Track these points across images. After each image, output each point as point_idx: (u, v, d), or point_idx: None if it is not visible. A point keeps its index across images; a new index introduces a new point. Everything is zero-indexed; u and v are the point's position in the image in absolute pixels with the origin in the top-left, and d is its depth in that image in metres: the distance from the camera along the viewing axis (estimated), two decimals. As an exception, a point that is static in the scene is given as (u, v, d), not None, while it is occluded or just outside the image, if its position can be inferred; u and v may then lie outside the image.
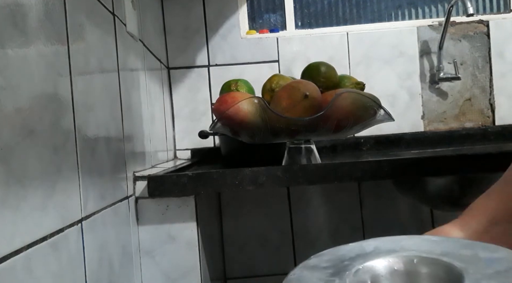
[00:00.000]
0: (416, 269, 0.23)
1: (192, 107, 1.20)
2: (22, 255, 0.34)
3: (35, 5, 0.40)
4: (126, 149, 0.67)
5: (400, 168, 0.68)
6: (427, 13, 1.28)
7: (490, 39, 1.21)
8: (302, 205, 1.17)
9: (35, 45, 0.39)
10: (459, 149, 1.11)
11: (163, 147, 1.04)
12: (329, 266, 0.23)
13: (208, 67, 1.21)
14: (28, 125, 0.37)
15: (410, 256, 0.23)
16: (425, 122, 1.21)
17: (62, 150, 0.43)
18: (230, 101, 0.70)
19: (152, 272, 0.69)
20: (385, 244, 0.25)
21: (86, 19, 0.54)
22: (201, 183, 0.67)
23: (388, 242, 0.25)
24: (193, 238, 0.69)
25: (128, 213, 0.65)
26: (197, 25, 1.20)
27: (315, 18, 1.27)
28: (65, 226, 0.43)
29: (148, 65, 0.92)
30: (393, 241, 0.25)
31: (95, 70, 0.56)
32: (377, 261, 0.23)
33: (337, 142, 1.18)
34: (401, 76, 1.21)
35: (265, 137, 0.74)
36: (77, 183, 0.47)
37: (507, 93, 1.21)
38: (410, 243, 0.25)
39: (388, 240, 0.26)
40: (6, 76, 0.34)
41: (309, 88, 0.69)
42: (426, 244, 0.24)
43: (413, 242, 0.25)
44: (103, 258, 0.53)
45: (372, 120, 0.74)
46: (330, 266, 0.23)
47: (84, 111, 0.50)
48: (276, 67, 1.21)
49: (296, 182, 0.68)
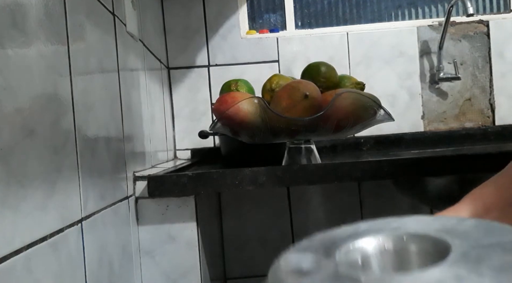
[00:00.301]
0: (405, 246, 0.23)
1: (192, 107, 1.20)
2: (22, 255, 0.34)
3: (35, 5, 0.40)
4: (126, 149, 0.67)
5: (400, 168, 0.68)
6: (427, 13, 1.28)
7: (490, 39, 1.21)
8: (302, 205, 1.17)
9: (35, 45, 0.39)
10: (459, 149, 1.11)
11: (163, 147, 1.04)
12: (319, 248, 0.23)
13: (208, 67, 1.21)
14: (28, 125, 0.37)
15: (399, 234, 0.23)
16: (425, 122, 1.21)
17: (62, 150, 0.43)
18: (230, 101, 0.70)
19: (152, 272, 0.69)
20: (376, 224, 0.25)
21: (86, 19, 0.54)
22: (201, 183, 0.67)
23: (380, 223, 0.25)
24: (193, 238, 0.69)
25: (128, 213, 0.65)
26: (197, 25, 1.20)
27: (315, 18, 1.27)
28: (65, 226, 0.43)
29: (148, 65, 0.92)
30: (385, 222, 0.25)
31: (95, 70, 0.56)
32: (367, 240, 0.23)
33: (337, 142, 1.18)
34: (401, 76, 1.21)
35: (265, 137, 0.74)
36: (77, 183, 0.47)
37: (507, 93, 1.21)
38: (402, 222, 0.25)
39: (380, 221, 0.26)
40: (6, 76, 0.34)
41: (309, 88, 0.69)
42: (418, 223, 0.24)
43: (405, 221, 0.25)
44: (103, 258, 0.53)
45: (372, 120, 0.74)
46: (320, 248, 0.23)
47: (84, 111, 0.50)
48: (276, 67, 1.21)
49: (296, 182, 0.68)
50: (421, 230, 0.23)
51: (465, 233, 0.21)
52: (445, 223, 0.24)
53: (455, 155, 0.70)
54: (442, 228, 0.23)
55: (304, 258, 0.22)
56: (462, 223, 0.23)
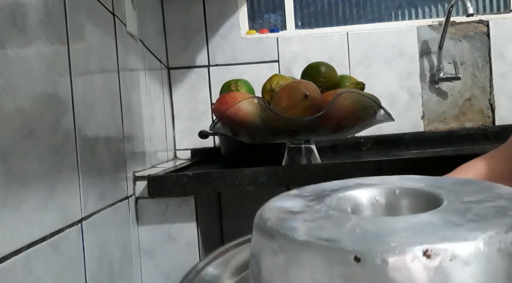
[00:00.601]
0: (397, 200, 0.23)
1: (192, 107, 1.20)
2: (22, 255, 0.34)
3: (35, 5, 0.40)
4: (126, 149, 0.67)
5: (400, 168, 0.68)
6: (427, 13, 1.28)
7: (490, 39, 1.21)
8: (302, 205, 1.17)
9: (35, 45, 0.39)
10: (459, 149, 1.11)
11: (163, 147, 1.04)
12: (310, 195, 0.23)
13: (208, 67, 1.20)
14: (28, 125, 0.37)
15: (392, 188, 0.23)
16: (425, 122, 1.21)
17: (62, 150, 0.43)
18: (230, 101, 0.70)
19: (152, 272, 0.69)
20: (369, 180, 0.25)
21: (86, 19, 0.54)
22: (201, 183, 0.67)
23: (373, 179, 0.25)
24: (193, 238, 0.69)
25: (128, 213, 0.65)
26: (197, 25, 1.20)
27: (315, 18, 1.27)
28: (65, 226, 0.43)
29: (148, 65, 0.92)
30: (378, 178, 0.25)
31: (95, 70, 0.56)
32: (359, 191, 0.23)
33: (337, 142, 1.18)
34: (401, 76, 1.21)
35: (265, 137, 0.74)
36: (77, 183, 0.47)
37: (507, 93, 1.21)
38: (395, 179, 0.25)
39: (374, 177, 0.26)
40: (6, 76, 0.34)
41: (309, 88, 0.69)
42: (412, 180, 0.25)
43: (398, 178, 0.25)
44: (103, 258, 0.53)
45: (372, 120, 0.74)
46: (311, 195, 0.23)
47: (84, 111, 0.50)
48: (276, 67, 1.21)
49: (296, 182, 0.68)
50: (414, 185, 0.23)
51: (456, 189, 0.22)
52: (438, 181, 0.24)
53: (455, 155, 0.70)
54: (435, 184, 0.23)
55: (294, 202, 0.22)
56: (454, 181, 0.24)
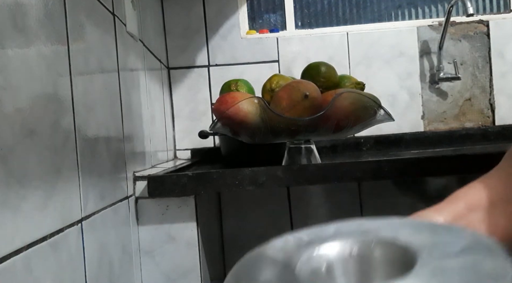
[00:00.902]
0: (371, 253, 0.22)
1: (192, 107, 1.20)
2: (22, 255, 0.34)
3: (35, 5, 0.40)
4: (126, 149, 0.67)
5: (400, 168, 0.68)
6: (427, 13, 1.28)
7: (490, 39, 1.21)
8: (302, 205, 1.17)
9: (35, 45, 0.39)
10: (459, 149, 1.11)
11: (163, 147, 1.04)
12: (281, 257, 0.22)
13: (208, 67, 1.20)
14: (28, 125, 0.37)
15: (367, 240, 0.23)
16: (425, 122, 1.21)
17: (62, 150, 0.43)
18: (230, 101, 0.70)
19: (152, 272, 0.69)
20: (348, 226, 0.25)
21: (86, 19, 0.54)
22: (201, 183, 0.67)
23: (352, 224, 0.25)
24: (193, 238, 0.69)
25: (128, 213, 0.65)
26: (197, 25, 1.20)
27: (315, 18, 1.26)
28: (65, 226, 0.43)
29: (148, 65, 0.92)
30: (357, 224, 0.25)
31: (95, 70, 0.56)
32: (333, 245, 0.23)
33: (337, 142, 1.18)
34: (401, 76, 1.21)
35: (265, 137, 0.74)
36: (77, 183, 0.47)
37: (507, 93, 1.21)
38: (373, 225, 0.24)
39: (353, 222, 0.25)
40: (6, 76, 0.34)
41: (309, 88, 0.69)
42: (390, 226, 0.24)
43: (377, 224, 0.24)
44: (103, 258, 0.53)
45: (372, 120, 0.74)
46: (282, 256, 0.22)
47: (84, 112, 0.50)
48: (276, 67, 1.21)
49: (296, 182, 0.68)
50: (390, 236, 0.22)
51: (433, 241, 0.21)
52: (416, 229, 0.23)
53: (455, 155, 0.70)
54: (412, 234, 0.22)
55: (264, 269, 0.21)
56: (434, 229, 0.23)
